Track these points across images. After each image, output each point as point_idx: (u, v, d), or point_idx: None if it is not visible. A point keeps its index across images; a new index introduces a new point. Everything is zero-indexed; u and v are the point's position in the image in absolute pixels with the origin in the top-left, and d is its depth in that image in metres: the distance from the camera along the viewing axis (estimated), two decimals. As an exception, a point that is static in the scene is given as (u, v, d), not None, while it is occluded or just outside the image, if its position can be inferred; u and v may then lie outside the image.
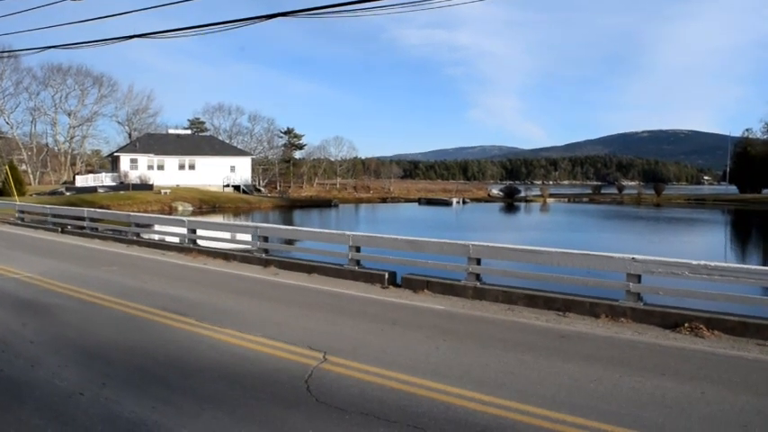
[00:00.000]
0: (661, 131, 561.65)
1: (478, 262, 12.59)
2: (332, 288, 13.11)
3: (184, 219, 18.37)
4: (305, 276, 14.50)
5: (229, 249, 17.25)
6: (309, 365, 7.41)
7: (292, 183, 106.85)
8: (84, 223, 21.81)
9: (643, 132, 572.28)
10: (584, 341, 9.07)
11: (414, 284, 13.19)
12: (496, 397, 6.47)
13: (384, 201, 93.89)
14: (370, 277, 13.87)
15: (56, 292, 11.58)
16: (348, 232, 14.35)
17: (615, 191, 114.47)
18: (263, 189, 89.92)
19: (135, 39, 20.91)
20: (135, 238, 19.94)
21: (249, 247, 16.87)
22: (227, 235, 18.50)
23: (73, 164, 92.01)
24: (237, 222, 18.26)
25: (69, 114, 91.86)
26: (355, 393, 6.50)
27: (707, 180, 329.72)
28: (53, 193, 57.92)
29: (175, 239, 19.73)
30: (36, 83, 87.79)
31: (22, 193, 42.84)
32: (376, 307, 11.32)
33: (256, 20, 19.80)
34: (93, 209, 23.22)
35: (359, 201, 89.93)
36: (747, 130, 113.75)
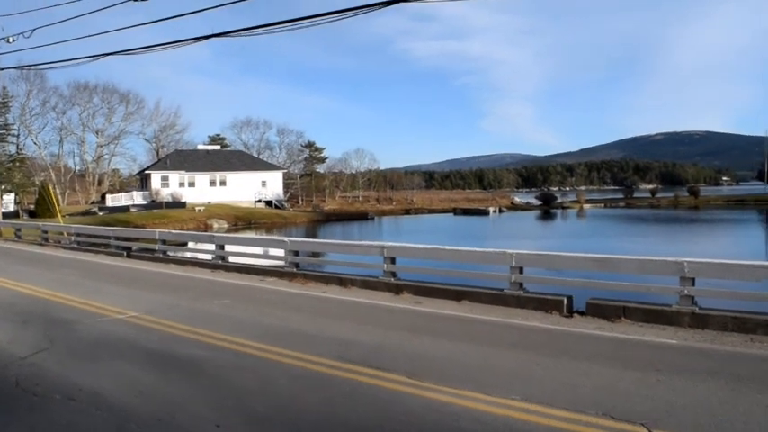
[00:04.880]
0: (675, 133, 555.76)
1: (693, 282, 10.14)
2: (503, 319, 10.69)
3: (286, 239, 15.97)
4: (454, 304, 12.05)
5: (343, 273, 14.83)
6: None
7: (314, 196, 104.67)
8: (157, 246, 19.44)
9: (657, 135, 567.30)
10: None
11: (605, 311, 10.74)
12: None
13: (407, 212, 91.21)
14: (543, 303, 11.39)
15: (187, 339, 9.16)
16: (510, 250, 11.89)
17: (648, 195, 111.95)
18: (286, 204, 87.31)
19: (210, 39, 18.70)
20: (220, 261, 17.55)
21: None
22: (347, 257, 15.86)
23: (99, 183, 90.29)
24: (357, 242, 15.79)
25: (97, 133, 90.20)
26: None
27: (726, 181, 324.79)
28: (86, 213, 55.86)
29: (265, 261, 17.38)
30: (63, 102, 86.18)
31: (55, 215, 40.68)
32: (592, 344, 8.93)
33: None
34: (165, 230, 20.95)
35: (382, 213, 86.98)
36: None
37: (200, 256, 19.45)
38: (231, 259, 17.79)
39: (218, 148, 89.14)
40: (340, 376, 7.19)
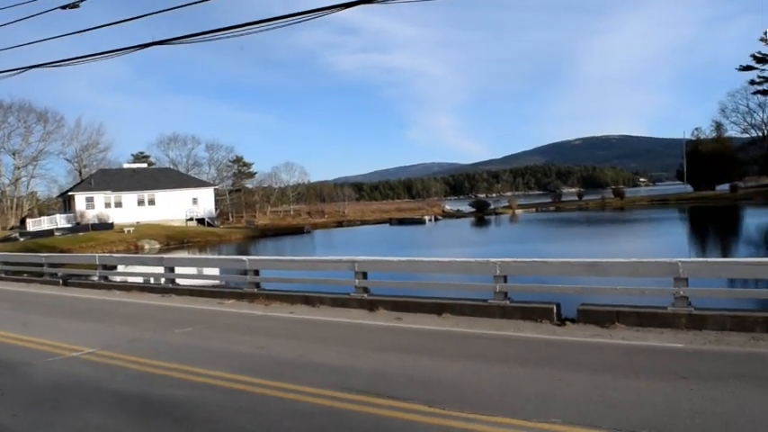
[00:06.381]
0: (593, 138, 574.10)
1: (687, 282, 9.85)
2: (495, 332, 10.12)
3: (244, 258, 14.93)
4: (436, 319, 11.43)
5: (309, 291, 13.95)
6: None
7: (245, 212, 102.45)
8: (98, 272, 17.93)
9: (576, 140, 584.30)
10: None
11: (598, 317, 10.33)
12: None
13: (340, 225, 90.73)
14: (530, 312, 10.91)
15: (160, 377, 8.11)
16: (494, 259, 11.35)
17: (575, 198, 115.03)
18: (216, 221, 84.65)
19: (152, 46, 17.57)
20: (170, 285, 16.31)
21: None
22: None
23: (18, 207, 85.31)
24: (325, 258, 14.91)
25: (13, 154, 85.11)
26: None
27: (643, 182, 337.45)
28: (5, 239, 52.47)
29: (218, 282, 16.29)
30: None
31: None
32: (601, 354, 8.49)
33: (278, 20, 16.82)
34: (105, 254, 19.47)
35: (315, 226, 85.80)
36: (697, 129, 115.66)
37: (134, 279, 18.15)
38: (181, 281, 16.58)
39: (144, 166, 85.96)
40: (352, 410, 6.38)
